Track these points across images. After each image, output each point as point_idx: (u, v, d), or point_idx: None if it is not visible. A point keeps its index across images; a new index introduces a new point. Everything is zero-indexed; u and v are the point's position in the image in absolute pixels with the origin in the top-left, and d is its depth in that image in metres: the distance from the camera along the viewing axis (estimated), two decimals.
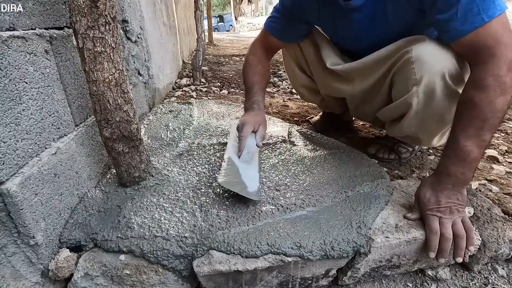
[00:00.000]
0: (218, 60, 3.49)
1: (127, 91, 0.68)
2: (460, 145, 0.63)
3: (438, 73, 0.72)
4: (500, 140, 1.23)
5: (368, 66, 0.88)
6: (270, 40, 1.02)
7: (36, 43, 0.59)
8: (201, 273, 0.58)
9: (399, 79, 0.82)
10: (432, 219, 0.65)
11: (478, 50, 0.62)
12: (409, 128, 0.85)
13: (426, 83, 0.74)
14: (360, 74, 0.91)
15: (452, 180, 0.65)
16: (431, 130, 0.83)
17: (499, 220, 0.71)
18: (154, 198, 0.74)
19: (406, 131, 0.87)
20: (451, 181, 0.65)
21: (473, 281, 0.71)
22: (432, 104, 0.76)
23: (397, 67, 0.80)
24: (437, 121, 0.79)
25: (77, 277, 0.59)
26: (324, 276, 0.66)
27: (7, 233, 0.53)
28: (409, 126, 0.84)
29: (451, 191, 0.65)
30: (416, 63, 0.74)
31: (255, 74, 1.02)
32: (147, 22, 1.54)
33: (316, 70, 1.07)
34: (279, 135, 1.14)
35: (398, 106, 0.84)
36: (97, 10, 0.58)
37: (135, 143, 0.73)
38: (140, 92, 1.35)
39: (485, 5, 0.59)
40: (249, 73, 1.03)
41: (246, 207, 0.70)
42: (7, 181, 0.51)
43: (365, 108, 1.02)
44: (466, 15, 0.61)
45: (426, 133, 0.84)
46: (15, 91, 0.53)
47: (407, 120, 0.83)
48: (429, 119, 0.79)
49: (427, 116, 0.79)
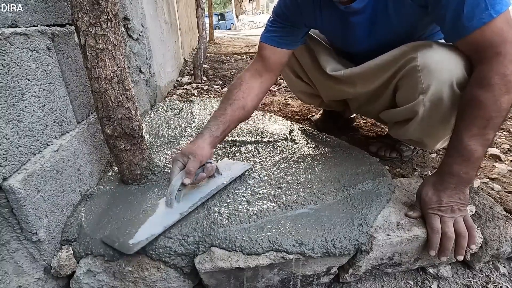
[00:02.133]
0: (219, 58, 3.49)
1: (129, 88, 0.68)
2: (464, 145, 0.62)
3: (446, 82, 0.69)
4: (503, 138, 1.23)
5: (371, 71, 0.85)
6: (268, 55, 0.89)
7: (38, 40, 0.59)
8: (202, 270, 0.59)
9: (405, 85, 0.79)
10: (433, 218, 0.64)
11: (483, 48, 0.61)
12: (414, 133, 0.83)
13: (433, 92, 0.71)
14: (362, 78, 0.89)
15: (455, 179, 0.64)
16: (436, 136, 0.81)
17: (501, 219, 0.71)
18: (156, 196, 0.74)
19: (411, 136, 0.85)
20: (454, 180, 0.65)
21: (474, 279, 0.71)
22: (439, 112, 0.74)
23: (402, 74, 0.78)
24: (443, 128, 0.77)
25: (79, 273, 0.60)
26: (326, 274, 0.66)
27: (10, 229, 0.53)
28: (414, 131, 0.82)
29: (454, 190, 0.65)
30: (423, 71, 0.71)
31: (230, 97, 0.86)
32: (149, 20, 1.54)
33: (316, 76, 1.04)
34: (281, 133, 1.14)
35: (403, 111, 0.82)
36: (99, 7, 0.58)
37: (137, 140, 0.73)
38: (141, 90, 1.36)
39: (492, 0, 0.58)
40: (223, 98, 0.89)
41: (248, 205, 0.70)
42: (10, 177, 0.51)
43: (368, 108, 1.01)
44: (474, 10, 0.59)
45: (431, 138, 0.83)
46: (18, 88, 0.53)
47: (412, 126, 0.81)
48: (435, 125, 0.78)
49: (433, 123, 0.77)
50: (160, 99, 1.69)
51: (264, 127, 1.21)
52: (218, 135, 0.79)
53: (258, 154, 0.97)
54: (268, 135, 1.13)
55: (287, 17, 0.87)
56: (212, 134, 0.78)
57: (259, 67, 0.90)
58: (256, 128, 1.20)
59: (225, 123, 0.81)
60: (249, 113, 0.88)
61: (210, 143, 0.77)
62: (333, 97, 1.09)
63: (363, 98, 0.98)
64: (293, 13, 0.86)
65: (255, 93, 0.88)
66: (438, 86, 0.70)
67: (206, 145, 0.75)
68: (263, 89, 0.91)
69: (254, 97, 0.88)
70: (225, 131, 0.82)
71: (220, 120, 0.81)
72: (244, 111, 0.86)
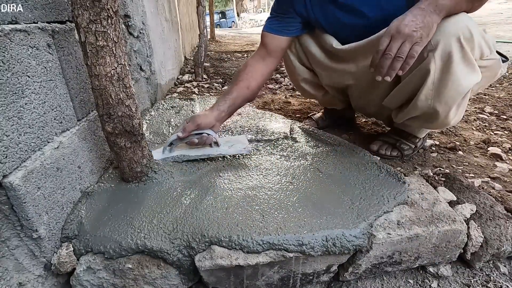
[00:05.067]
0: (220, 56, 3.48)
1: (129, 85, 0.68)
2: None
3: (454, 36, 0.72)
4: (504, 138, 1.22)
5: (372, 42, 0.85)
6: (269, 42, 1.01)
7: (39, 36, 0.59)
8: (202, 268, 0.59)
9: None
10: (383, 39, 0.70)
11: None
12: (426, 101, 0.81)
13: (443, 47, 0.73)
14: (364, 51, 0.89)
15: (427, 1, 0.69)
16: (448, 100, 0.79)
17: (502, 218, 0.71)
18: (157, 193, 0.74)
19: (422, 106, 0.83)
20: (426, 2, 0.69)
21: (474, 278, 0.71)
22: (450, 69, 0.74)
23: None
24: (455, 89, 0.77)
25: (79, 270, 0.60)
26: (325, 272, 0.66)
27: (10, 226, 0.53)
28: (426, 98, 0.81)
29: (422, 10, 0.68)
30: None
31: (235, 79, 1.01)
32: (149, 18, 1.54)
33: (317, 59, 1.05)
34: (281, 131, 1.14)
35: (412, 78, 0.81)
36: (99, 3, 0.58)
37: (137, 138, 0.73)
38: (142, 88, 1.35)
39: None
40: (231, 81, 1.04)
41: (249, 205, 0.70)
42: (10, 174, 0.51)
43: (370, 95, 1.00)
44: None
45: (444, 103, 0.80)
46: (18, 85, 0.53)
47: (424, 91, 0.80)
48: (447, 87, 0.77)
49: (446, 83, 0.77)
50: (161, 97, 1.69)
51: (264, 125, 1.21)
52: (225, 110, 0.94)
53: (259, 152, 0.96)
54: (268, 133, 1.12)
55: (281, 6, 0.99)
56: (218, 108, 0.93)
57: (262, 53, 1.03)
58: (256, 127, 1.20)
59: (230, 100, 0.95)
60: (253, 92, 1.01)
61: (216, 116, 0.92)
62: (335, 83, 1.08)
63: (365, 81, 0.97)
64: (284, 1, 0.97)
65: (258, 75, 1.00)
66: (447, 41, 0.73)
67: (211, 115, 0.91)
68: (265, 71, 1.02)
69: (257, 78, 1.00)
70: (231, 107, 0.96)
71: (227, 98, 0.96)
72: (248, 90, 0.99)
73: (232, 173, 0.83)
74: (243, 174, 0.83)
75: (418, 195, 0.75)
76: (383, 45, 0.70)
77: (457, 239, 0.67)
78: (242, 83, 0.98)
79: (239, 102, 0.98)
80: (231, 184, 0.78)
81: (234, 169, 0.86)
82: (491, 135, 1.26)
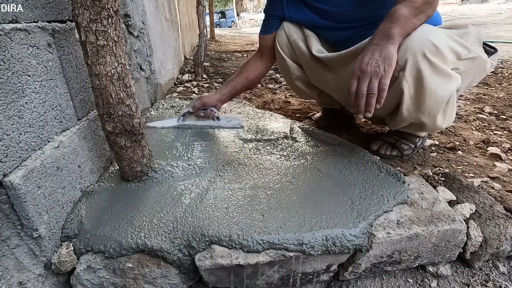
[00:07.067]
0: (220, 56, 3.48)
1: (129, 85, 0.68)
2: (392, 9, 0.75)
3: (419, 52, 0.75)
4: (503, 138, 1.22)
5: (349, 55, 0.90)
6: (260, 42, 1.19)
7: (39, 36, 0.59)
8: (203, 267, 0.59)
9: None
10: (351, 82, 0.75)
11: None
12: (409, 114, 0.84)
13: (411, 66, 0.76)
14: (342, 62, 0.94)
15: (378, 35, 0.74)
16: (430, 111, 0.82)
17: (501, 217, 0.71)
18: (157, 193, 0.74)
19: (408, 118, 0.86)
20: (377, 36, 0.74)
21: (474, 277, 0.71)
22: (423, 84, 0.77)
23: None
24: (433, 100, 0.80)
25: (79, 269, 0.60)
26: (325, 271, 0.66)
27: (11, 225, 0.53)
28: (408, 112, 0.84)
29: (376, 46, 0.73)
30: (399, 49, 0.76)
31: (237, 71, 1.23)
32: (149, 17, 1.54)
33: (305, 59, 1.08)
34: (281, 131, 1.14)
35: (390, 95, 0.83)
36: (99, 3, 0.58)
37: (138, 137, 0.73)
38: (142, 87, 1.35)
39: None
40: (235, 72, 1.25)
41: (249, 204, 0.70)
42: (11, 173, 0.51)
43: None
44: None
45: (427, 115, 0.84)
46: (18, 84, 0.53)
47: (404, 106, 0.83)
48: (425, 100, 0.80)
49: (422, 97, 0.79)
50: (161, 96, 1.69)
51: (264, 125, 1.21)
52: (226, 94, 1.20)
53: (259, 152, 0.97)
54: (268, 133, 1.13)
55: (266, 11, 1.15)
56: (221, 92, 1.20)
57: (258, 52, 1.22)
58: (256, 126, 1.20)
59: (231, 86, 1.20)
60: (251, 82, 1.22)
61: (218, 97, 1.19)
62: (320, 83, 1.12)
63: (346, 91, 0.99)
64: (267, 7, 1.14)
65: (255, 68, 1.20)
66: (413, 59, 0.76)
67: (214, 97, 1.19)
68: (262, 67, 1.21)
69: (254, 72, 1.20)
70: (231, 92, 1.20)
71: (228, 84, 1.21)
72: (247, 80, 1.20)
73: (232, 173, 0.83)
74: (243, 173, 0.83)
75: (417, 195, 0.75)
76: (353, 87, 0.75)
77: (457, 239, 0.67)
78: (242, 74, 1.20)
79: (239, 88, 1.21)
80: (231, 183, 0.78)
81: (234, 169, 0.86)
82: (491, 135, 1.26)
